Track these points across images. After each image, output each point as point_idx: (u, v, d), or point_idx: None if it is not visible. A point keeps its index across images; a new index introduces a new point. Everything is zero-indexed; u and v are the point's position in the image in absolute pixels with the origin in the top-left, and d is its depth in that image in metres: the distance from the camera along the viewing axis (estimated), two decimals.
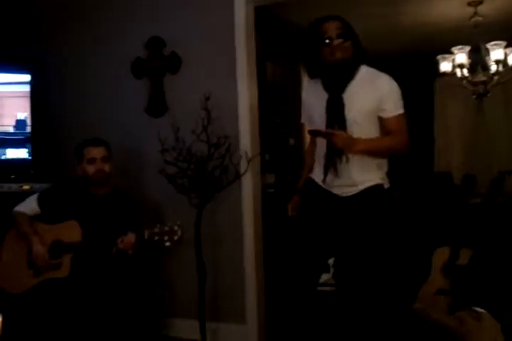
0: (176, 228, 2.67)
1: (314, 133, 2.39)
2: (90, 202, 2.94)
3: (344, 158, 2.37)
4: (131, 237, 2.71)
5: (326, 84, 2.43)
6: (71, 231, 2.78)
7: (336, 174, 2.40)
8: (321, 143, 2.47)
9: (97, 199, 2.96)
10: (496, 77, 4.60)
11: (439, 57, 4.76)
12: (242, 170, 3.22)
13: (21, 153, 3.71)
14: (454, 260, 3.15)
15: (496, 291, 2.95)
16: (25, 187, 3.48)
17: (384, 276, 2.49)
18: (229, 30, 3.33)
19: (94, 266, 2.80)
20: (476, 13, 4.65)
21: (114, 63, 3.74)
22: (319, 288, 2.67)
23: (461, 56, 4.59)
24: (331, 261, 3.33)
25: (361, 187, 2.42)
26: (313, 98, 2.52)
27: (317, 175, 2.52)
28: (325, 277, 4.09)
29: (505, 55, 4.53)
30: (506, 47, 4.48)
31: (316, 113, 2.47)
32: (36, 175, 3.65)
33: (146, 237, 2.69)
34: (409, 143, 2.43)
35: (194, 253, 3.14)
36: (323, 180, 2.45)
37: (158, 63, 3.57)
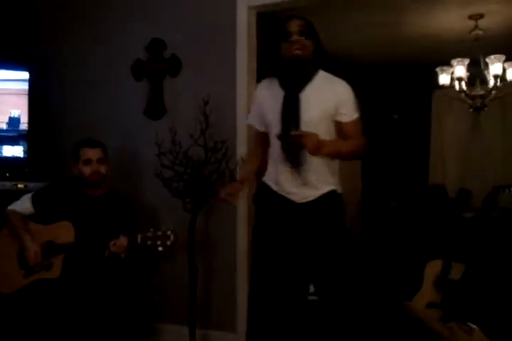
0: (169, 233, 2.65)
1: (282, 137, 2.29)
2: (85, 203, 2.92)
3: (301, 163, 2.33)
4: (123, 241, 2.69)
5: (283, 82, 2.39)
6: (64, 232, 2.75)
7: (292, 179, 2.36)
8: (275, 146, 2.41)
9: (91, 200, 2.94)
10: (493, 92, 4.61)
11: (438, 69, 4.77)
12: (238, 176, 3.21)
13: (16, 151, 3.69)
14: (446, 274, 3.15)
15: (487, 307, 2.95)
16: (20, 185, 3.46)
17: (351, 283, 2.44)
18: (231, 35, 3.33)
19: (85, 268, 2.77)
20: (476, 27, 4.67)
21: (114, 64, 3.73)
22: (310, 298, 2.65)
23: (460, 69, 4.61)
24: None
25: (318, 192, 2.39)
26: (268, 97, 2.45)
27: (271, 179, 2.45)
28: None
29: (504, 70, 4.55)
30: (505, 61, 4.50)
31: (271, 113, 2.41)
32: (31, 174, 3.63)
33: (138, 241, 2.68)
34: (366, 147, 2.44)
35: (187, 258, 3.12)
36: (278, 185, 2.41)
37: (158, 66, 3.56)
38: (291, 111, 2.33)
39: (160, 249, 2.64)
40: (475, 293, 3.02)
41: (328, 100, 2.35)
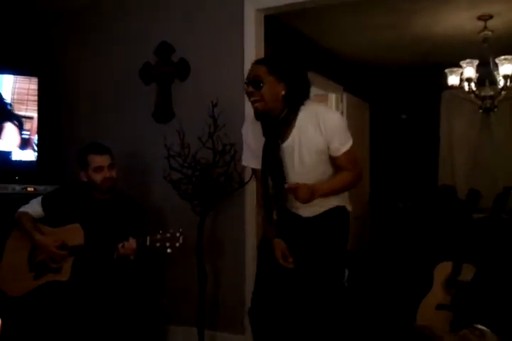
0: (177, 235, 2.66)
1: (277, 189, 2.35)
2: (94, 206, 2.94)
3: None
4: (132, 243, 2.70)
5: (263, 129, 2.35)
6: (74, 235, 2.77)
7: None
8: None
9: (100, 203, 2.95)
10: (503, 92, 4.59)
11: (447, 70, 4.76)
12: (246, 179, 3.22)
13: (26, 155, 3.71)
14: (455, 275, 3.13)
15: (498, 309, 2.93)
16: (30, 188, 3.48)
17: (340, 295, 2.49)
18: (239, 38, 3.34)
19: (95, 270, 2.79)
20: (485, 28, 4.65)
21: (122, 68, 3.76)
22: None
23: (470, 70, 4.59)
24: None
25: (324, 208, 2.45)
26: (254, 139, 2.45)
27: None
28: None
29: None
30: None
31: (260, 154, 2.40)
32: (40, 177, 3.65)
33: (147, 243, 2.68)
34: (362, 175, 2.47)
35: (195, 260, 3.13)
36: (287, 201, 2.44)
37: (166, 69, 3.58)
38: (275, 163, 2.33)
39: (169, 251, 2.64)
40: (486, 294, 3.01)
41: (317, 140, 2.30)
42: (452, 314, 3.00)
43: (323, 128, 2.28)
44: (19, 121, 3.69)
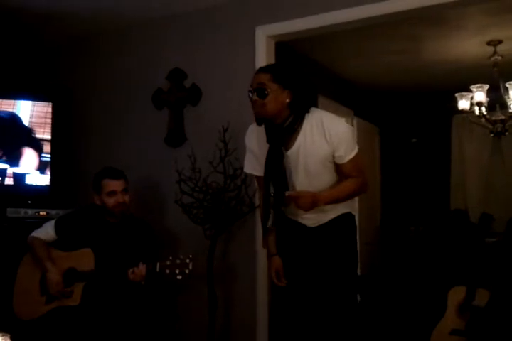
0: (187, 261, 2.63)
1: (277, 198, 2.32)
2: (106, 230, 2.94)
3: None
4: (142, 269, 2.68)
5: (267, 136, 2.33)
6: (85, 260, 2.77)
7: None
8: None
9: (112, 227, 2.95)
10: None
11: (457, 94, 4.77)
12: (257, 203, 3.22)
13: (40, 179, 3.75)
14: (470, 300, 3.09)
15: None
16: (42, 213, 3.51)
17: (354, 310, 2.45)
18: (250, 65, 3.38)
19: (105, 296, 2.78)
20: (495, 53, 4.67)
21: (135, 93, 3.82)
22: None
23: (480, 94, 4.59)
24: None
25: (329, 216, 2.41)
26: (257, 147, 2.43)
27: (285, 210, 2.45)
28: None
29: None
30: None
31: (263, 161, 2.38)
32: (53, 201, 3.68)
33: (157, 269, 2.67)
34: (367, 183, 2.42)
35: (206, 284, 3.12)
36: (291, 211, 2.41)
37: (179, 94, 3.63)
38: (278, 171, 2.31)
39: (179, 277, 2.62)
40: (501, 319, 2.96)
41: (322, 148, 2.28)
42: (466, 339, 2.95)
43: (328, 137, 2.26)
44: (38, 145, 3.73)
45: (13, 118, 3.69)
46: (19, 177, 3.68)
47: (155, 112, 3.71)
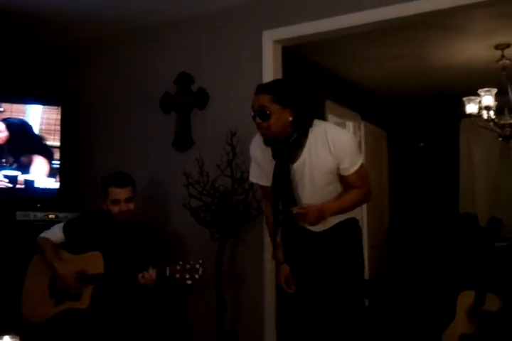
0: (197, 266, 2.62)
1: (286, 214, 2.37)
2: (115, 233, 2.95)
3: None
4: (152, 273, 2.67)
5: (273, 152, 2.35)
6: (94, 263, 2.78)
7: None
8: None
9: (122, 230, 2.96)
10: None
11: (465, 98, 4.76)
12: (263, 208, 3.22)
13: (49, 183, 3.77)
14: (479, 304, 3.07)
15: None
16: (51, 216, 3.53)
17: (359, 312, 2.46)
18: (257, 68, 3.40)
19: (114, 299, 2.79)
20: (503, 56, 4.66)
21: (143, 97, 3.84)
22: None
23: (488, 98, 4.58)
24: None
25: (334, 221, 2.43)
26: (262, 159, 2.45)
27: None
28: None
29: None
30: None
31: (270, 172, 2.40)
32: (62, 205, 3.70)
33: (167, 274, 2.66)
34: (371, 192, 2.45)
35: (214, 288, 3.12)
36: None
37: (186, 98, 3.64)
38: (285, 186, 2.33)
39: (189, 282, 2.62)
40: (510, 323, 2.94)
41: (327, 161, 2.31)
42: None
43: (332, 149, 2.28)
44: (49, 152, 3.75)
45: (24, 126, 3.72)
46: (30, 184, 3.70)
47: (162, 116, 3.73)
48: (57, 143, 3.77)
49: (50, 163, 3.76)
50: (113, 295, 2.79)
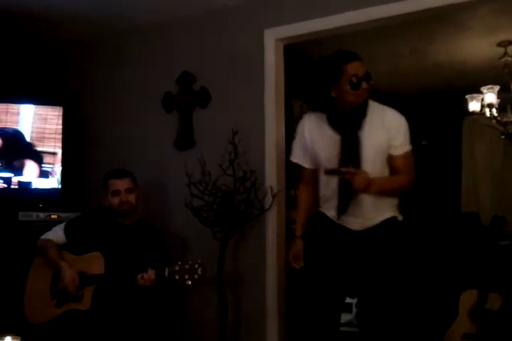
0: (196, 266, 2.60)
1: (331, 172, 2.30)
2: (116, 232, 2.95)
3: (359, 197, 2.33)
4: (151, 274, 2.66)
5: (335, 124, 2.34)
6: (95, 264, 2.77)
7: (350, 210, 2.35)
8: (327, 181, 2.41)
9: (123, 229, 2.96)
10: None
11: (467, 96, 4.74)
12: (267, 205, 3.22)
13: (48, 183, 3.77)
14: (481, 304, 3.06)
15: None
16: (53, 216, 3.53)
17: (407, 314, 2.41)
18: (258, 67, 3.39)
19: (115, 300, 2.78)
20: (506, 54, 4.64)
21: (145, 97, 3.83)
22: (342, 329, 2.61)
23: (491, 96, 4.56)
24: (352, 301, 3.24)
25: (375, 221, 2.38)
26: (319, 136, 2.41)
27: (328, 211, 2.44)
28: (347, 317, 4.01)
29: None
30: None
31: (323, 151, 2.39)
32: (64, 205, 3.70)
33: (166, 275, 2.65)
34: (414, 181, 2.43)
35: (216, 287, 3.11)
36: (338, 217, 2.39)
37: (188, 98, 3.63)
38: (351, 152, 2.30)
39: (188, 282, 2.61)
40: None
41: (381, 135, 2.32)
42: None
43: (388, 125, 2.31)
44: (39, 157, 3.76)
45: (17, 135, 3.74)
46: (24, 185, 3.70)
47: (165, 116, 3.72)
48: (48, 149, 3.79)
49: (40, 167, 3.76)
50: (113, 296, 2.78)
